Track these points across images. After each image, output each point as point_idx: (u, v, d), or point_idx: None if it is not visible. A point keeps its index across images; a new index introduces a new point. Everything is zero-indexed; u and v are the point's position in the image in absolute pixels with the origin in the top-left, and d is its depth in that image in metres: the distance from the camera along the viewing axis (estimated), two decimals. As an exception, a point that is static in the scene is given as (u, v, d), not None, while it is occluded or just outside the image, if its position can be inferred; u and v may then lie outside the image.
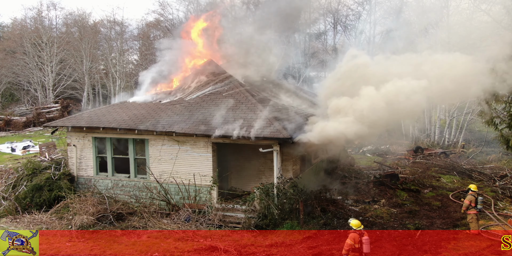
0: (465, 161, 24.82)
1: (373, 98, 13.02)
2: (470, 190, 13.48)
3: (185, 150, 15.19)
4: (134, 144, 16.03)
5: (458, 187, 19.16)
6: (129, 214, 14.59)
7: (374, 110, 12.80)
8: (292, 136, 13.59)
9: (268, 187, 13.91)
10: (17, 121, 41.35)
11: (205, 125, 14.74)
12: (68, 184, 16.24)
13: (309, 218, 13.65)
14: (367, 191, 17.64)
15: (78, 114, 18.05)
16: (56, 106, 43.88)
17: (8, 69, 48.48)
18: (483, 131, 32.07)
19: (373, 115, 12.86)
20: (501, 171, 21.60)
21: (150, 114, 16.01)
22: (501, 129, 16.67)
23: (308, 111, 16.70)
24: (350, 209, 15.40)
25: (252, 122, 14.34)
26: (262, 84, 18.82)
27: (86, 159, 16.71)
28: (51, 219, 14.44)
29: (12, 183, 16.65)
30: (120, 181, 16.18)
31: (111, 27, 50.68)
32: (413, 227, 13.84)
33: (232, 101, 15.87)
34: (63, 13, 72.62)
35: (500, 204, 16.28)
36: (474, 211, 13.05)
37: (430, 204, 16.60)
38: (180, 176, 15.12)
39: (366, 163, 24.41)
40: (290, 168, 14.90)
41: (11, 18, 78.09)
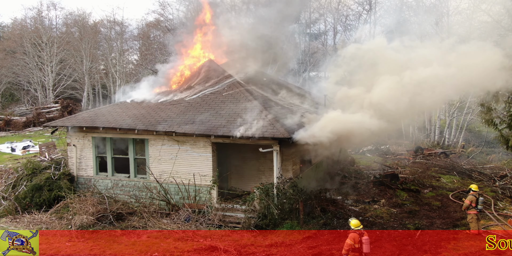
0: (465, 161, 24.83)
1: (392, 87, 11.81)
2: (471, 190, 13.47)
3: (185, 150, 15.19)
4: (134, 144, 16.03)
5: (458, 187, 19.16)
6: (129, 214, 14.58)
7: (393, 101, 11.60)
8: (292, 136, 13.58)
9: (268, 187, 13.91)
10: (17, 121, 41.34)
11: (205, 125, 14.74)
12: (68, 184, 16.24)
13: (309, 218, 13.65)
14: (367, 191, 17.64)
15: (78, 114, 18.05)
16: (56, 106, 43.88)
17: (8, 69, 48.48)
18: (483, 131, 32.10)
19: (391, 107, 11.63)
20: (501, 171, 21.61)
21: (150, 114, 16.01)
22: (501, 129, 16.66)
23: (308, 111, 16.69)
24: (350, 209, 15.40)
25: (252, 122, 14.33)
26: (262, 83, 18.82)
27: (86, 159, 16.71)
28: (51, 219, 14.43)
29: (12, 183, 16.65)
30: (120, 181, 16.17)
31: (111, 27, 50.70)
32: (413, 227, 13.83)
33: (232, 101, 15.87)
34: (63, 13, 72.70)
35: (500, 204, 16.28)
36: (474, 211, 13.04)
37: (430, 204, 16.59)
38: (180, 176, 15.12)
39: (366, 163, 24.41)
40: (290, 168, 14.89)
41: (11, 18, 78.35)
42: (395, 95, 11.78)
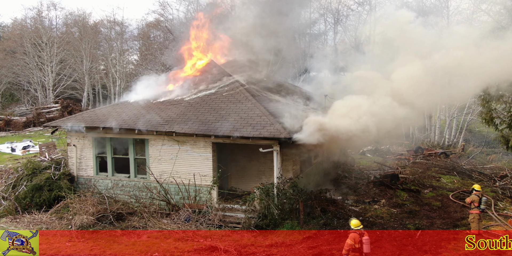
0: (465, 161, 24.83)
1: (417, 72, 11.03)
2: (474, 190, 13.46)
3: (185, 150, 15.19)
4: (134, 144, 16.02)
5: (458, 187, 19.16)
6: (129, 214, 14.57)
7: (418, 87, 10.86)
8: (292, 136, 13.57)
9: (268, 187, 13.90)
10: (17, 121, 41.34)
11: (205, 125, 14.74)
12: (68, 184, 16.24)
13: (309, 218, 13.64)
14: (367, 191, 17.64)
15: (78, 114, 18.04)
16: (56, 106, 43.89)
17: (8, 69, 48.47)
18: (483, 131, 32.10)
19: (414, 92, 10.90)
20: (501, 171, 21.61)
21: (150, 114, 16.00)
22: (502, 129, 16.65)
23: (309, 111, 16.67)
24: (350, 209, 15.40)
25: (252, 122, 14.33)
26: (263, 84, 18.80)
27: (86, 159, 16.70)
28: (51, 219, 14.43)
29: (12, 183, 16.64)
30: (120, 181, 16.17)
31: (111, 27, 50.71)
32: (413, 227, 13.83)
33: (232, 101, 15.87)
34: (63, 13, 72.74)
35: (500, 205, 16.28)
36: (476, 211, 13.00)
37: (430, 204, 16.59)
38: (180, 176, 15.11)
39: (366, 163, 24.41)
40: (290, 168, 14.89)
41: (11, 18, 78.31)
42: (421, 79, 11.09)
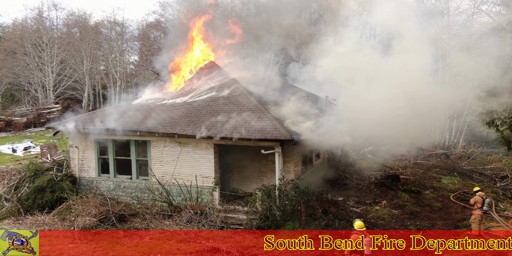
0: (466, 162, 24.86)
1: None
2: (479, 191, 13.58)
3: (187, 151, 15.23)
4: (136, 145, 16.06)
5: (459, 188, 19.20)
6: (131, 215, 14.62)
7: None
8: (294, 137, 13.62)
9: (270, 188, 13.95)
10: (17, 122, 41.38)
11: (207, 126, 14.77)
12: (70, 185, 16.26)
13: (311, 219, 13.69)
14: (368, 192, 17.68)
15: (80, 116, 18.07)
16: (56, 106, 43.96)
17: (8, 69, 48.50)
18: (484, 132, 32.12)
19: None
20: (501, 172, 21.65)
21: (152, 116, 16.04)
22: (502, 130, 16.70)
23: (310, 112, 16.71)
24: (352, 210, 15.45)
25: (254, 123, 14.37)
26: (264, 85, 18.83)
27: (88, 161, 16.74)
28: (54, 220, 14.45)
29: (14, 184, 16.66)
30: (122, 183, 16.21)
31: (112, 27, 50.72)
32: (415, 228, 13.89)
33: (233, 103, 15.90)
34: (64, 13, 72.76)
35: (501, 205, 16.32)
36: (479, 211, 13.07)
37: (431, 205, 16.65)
38: (182, 178, 15.15)
39: (367, 164, 24.46)
40: (292, 170, 14.93)
41: (12, 18, 78.23)
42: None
